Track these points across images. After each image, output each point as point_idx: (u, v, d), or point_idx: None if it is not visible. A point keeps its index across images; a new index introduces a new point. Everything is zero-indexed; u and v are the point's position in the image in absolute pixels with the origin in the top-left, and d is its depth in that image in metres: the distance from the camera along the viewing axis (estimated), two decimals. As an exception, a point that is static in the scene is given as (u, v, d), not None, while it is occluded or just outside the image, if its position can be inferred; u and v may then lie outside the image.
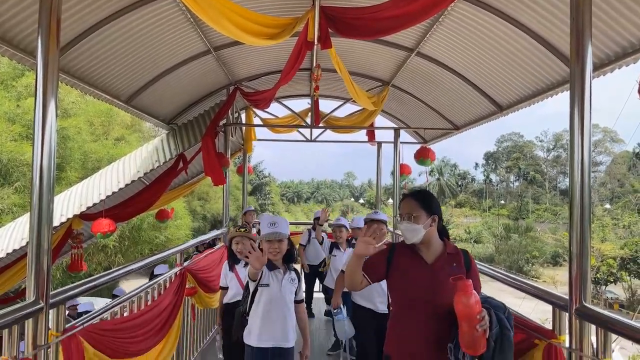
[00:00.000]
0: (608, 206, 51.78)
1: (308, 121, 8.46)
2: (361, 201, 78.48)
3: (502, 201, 69.03)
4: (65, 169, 15.00)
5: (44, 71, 2.35)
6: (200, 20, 4.67)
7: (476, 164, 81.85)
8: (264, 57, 6.92)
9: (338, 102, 8.89)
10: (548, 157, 77.30)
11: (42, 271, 2.32)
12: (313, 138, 9.17)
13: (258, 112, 8.83)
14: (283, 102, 8.76)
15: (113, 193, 6.42)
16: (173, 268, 4.72)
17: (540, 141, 78.32)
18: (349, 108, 8.93)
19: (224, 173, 7.09)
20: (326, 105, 9.89)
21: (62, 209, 6.42)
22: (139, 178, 6.64)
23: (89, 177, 7.44)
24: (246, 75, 7.42)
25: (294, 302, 3.31)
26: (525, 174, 73.77)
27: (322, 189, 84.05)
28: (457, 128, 7.48)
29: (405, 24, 3.57)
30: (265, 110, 8.56)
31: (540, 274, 40.09)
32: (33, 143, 2.35)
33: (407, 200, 2.59)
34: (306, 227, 8.20)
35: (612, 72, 3.88)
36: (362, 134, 9.19)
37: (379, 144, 9.20)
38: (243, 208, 9.59)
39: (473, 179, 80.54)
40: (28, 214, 3.68)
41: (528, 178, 72.90)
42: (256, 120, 8.96)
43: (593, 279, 28.61)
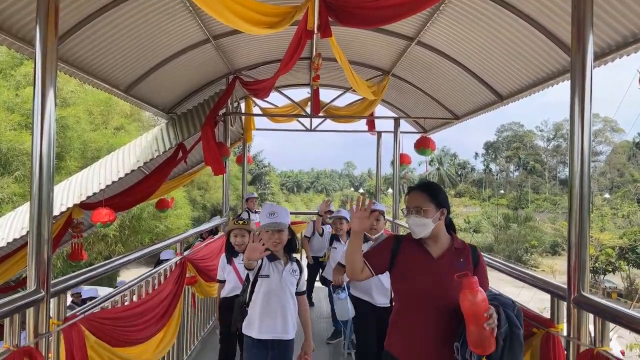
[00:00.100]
0: (607, 196, 51.96)
1: (308, 110, 8.45)
2: (361, 191, 78.53)
3: (502, 191, 69.25)
4: (64, 158, 14.98)
5: (43, 60, 2.35)
6: (199, 8, 4.64)
7: (476, 154, 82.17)
8: (264, 46, 6.88)
9: (338, 92, 8.86)
10: (548, 147, 77.34)
11: (43, 260, 2.33)
12: (313, 127, 9.17)
13: (257, 102, 8.79)
14: (283, 92, 8.72)
15: (113, 182, 6.41)
16: (178, 253, 4.77)
17: (540, 131, 78.42)
18: (349, 97, 8.91)
19: (224, 162, 7.08)
20: (326, 94, 9.84)
21: (62, 198, 6.42)
22: (139, 167, 6.63)
23: (89, 167, 7.42)
24: (246, 64, 7.38)
25: (296, 294, 3.21)
26: (525, 164, 73.85)
27: (322, 179, 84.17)
28: (458, 118, 7.46)
29: (406, 13, 3.53)
30: (264, 99, 8.52)
31: (539, 263, 40.26)
32: (32, 132, 2.34)
33: (415, 193, 2.45)
34: (310, 219, 8.17)
35: (613, 62, 3.86)
36: (362, 124, 9.16)
37: (379, 134, 9.17)
38: (243, 197, 9.61)
39: (473, 169, 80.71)
40: (28, 203, 3.68)
41: (528, 168, 72.99)
42: (256, 109, 8.93)
43: (591, 268, 28.73)
